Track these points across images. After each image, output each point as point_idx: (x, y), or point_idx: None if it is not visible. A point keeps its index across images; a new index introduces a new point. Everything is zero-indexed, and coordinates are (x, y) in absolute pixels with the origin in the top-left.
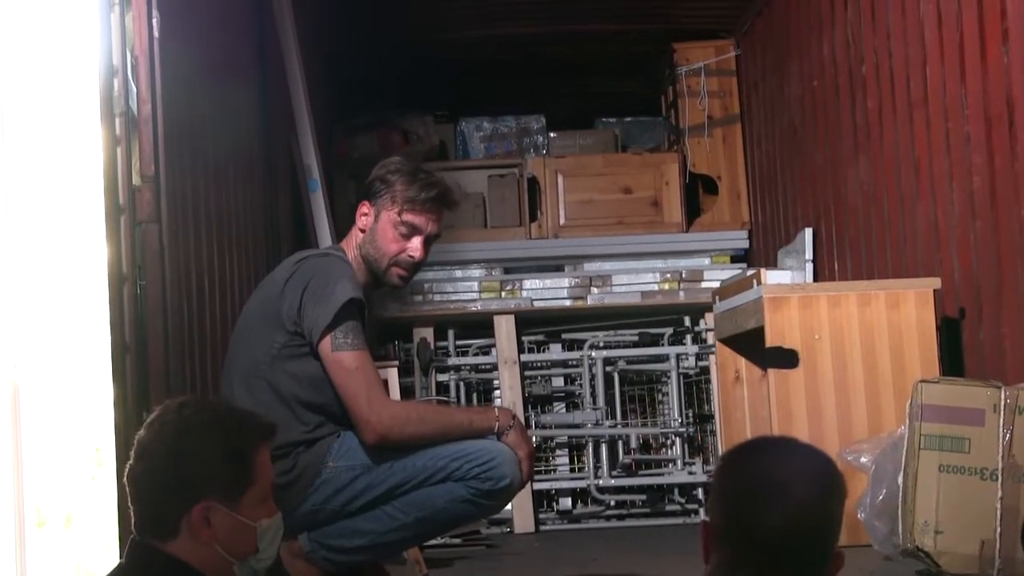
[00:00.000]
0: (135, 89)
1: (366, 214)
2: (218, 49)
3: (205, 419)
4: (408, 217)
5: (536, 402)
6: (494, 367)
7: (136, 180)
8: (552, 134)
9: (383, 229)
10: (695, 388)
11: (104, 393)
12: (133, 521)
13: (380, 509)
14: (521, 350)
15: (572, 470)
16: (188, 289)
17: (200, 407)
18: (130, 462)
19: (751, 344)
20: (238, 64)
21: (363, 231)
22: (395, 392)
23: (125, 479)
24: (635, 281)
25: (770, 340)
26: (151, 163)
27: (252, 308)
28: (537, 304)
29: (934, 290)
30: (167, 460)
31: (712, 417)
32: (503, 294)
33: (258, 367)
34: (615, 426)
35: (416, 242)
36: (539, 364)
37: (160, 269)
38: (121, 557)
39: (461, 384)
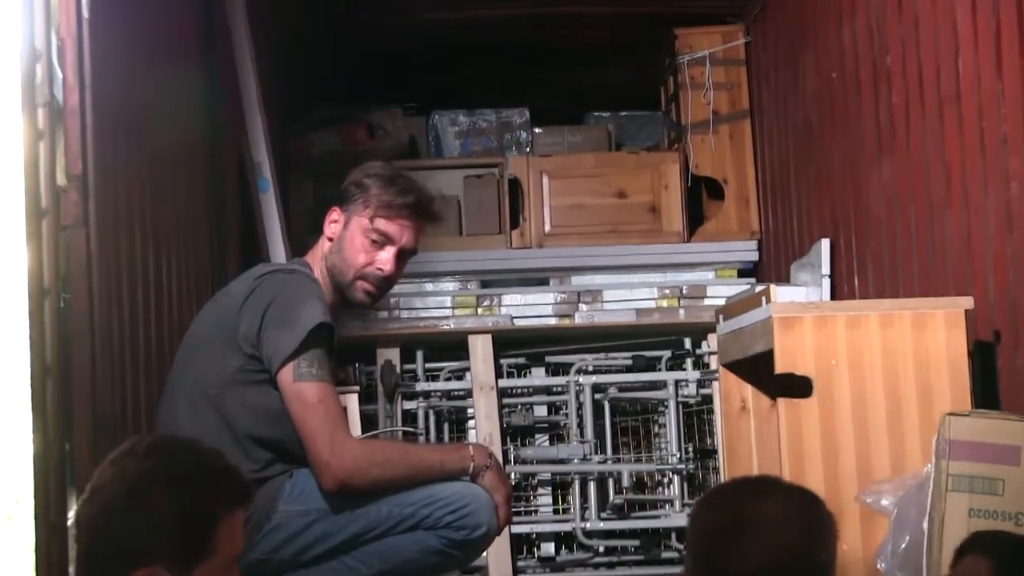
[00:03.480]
0: (61, 76)
1: (336, 221)
2: (157, 31)
3: (171, 471)
4: (380, 224)
5: (516, 434)
6: (468, 394)
7: (61, 179)
8: (537, 130)
9: (352, 237)
10: (696, 419)
11: (22, 421)
12: (75, 567)
13: (339, 560)
14: (499, 375)
15: (556, 511)
16: (120, 303)
17: (168, 455)
18: (82, 499)
19: (759, 370)
20: (180, 49)
21: (331, 240)
22: (355, 422)
23: (74, 519)
24: (629, 297)
25: (780, 366)
26: (78, 160)
27: (204, 323)
28: (518, 323)
29: (965, 310)
30: (117, 512)
31: (715, 452)
32: (479, 311)
33: (207, 390)
34: (605, 462)
35: (387, 253)
36: (519, 391)
37: (87, 280)
38: None
39: (431, 412)
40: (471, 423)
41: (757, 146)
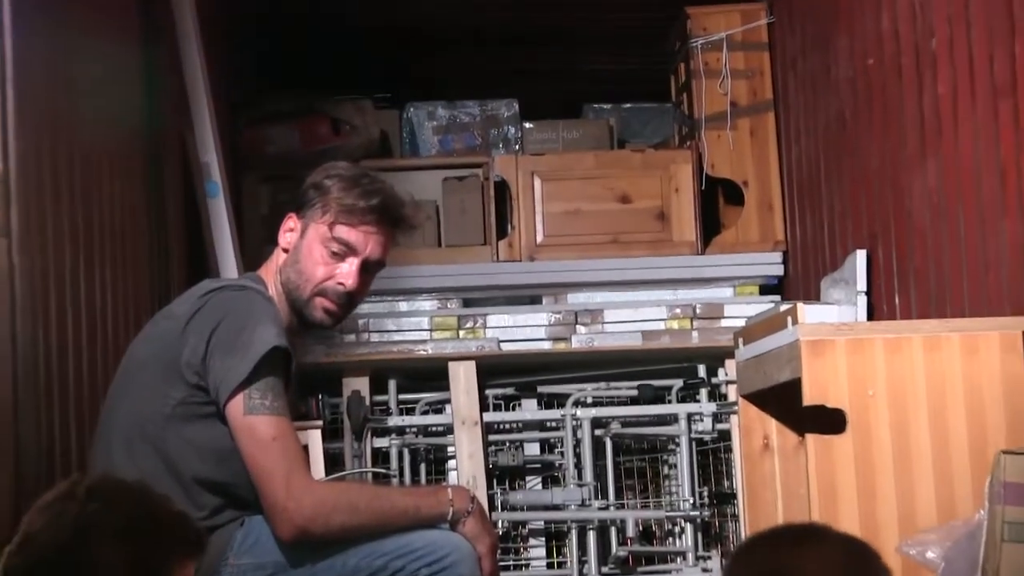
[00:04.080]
0: None
1: (291, 229)
2: (90, 10)
3: (117, 518)
4: (341, 232)
5: (503, 475)
6: (449, 429)
7: None
8: (527, 124)
9: (309, 247)
10: (712, 459)
11: None
12: None
13: None
14: (484, 407)
15: (550, 565)
16: (46, 321)
17: (113, 499)
18: (11, 547)
19: (784, 402)
20: (117, 30)
21: (286, 251)
22: (318, 463)
23: (2, 565)
24: (634, 318)
25: (809, 397)
26: None
27: (141, 349)
28: (506, 347)
29: (1023, 332)
30: (55, 563)
31: (734, 497)
32: (461, 334)
33: (145, 427)
34: (607, 508)
35: (349, 266)
36: (508, 426)
37: (9, 295)
38: None
39: (405, 451)
40: (452, 463)
41: (782, 143)
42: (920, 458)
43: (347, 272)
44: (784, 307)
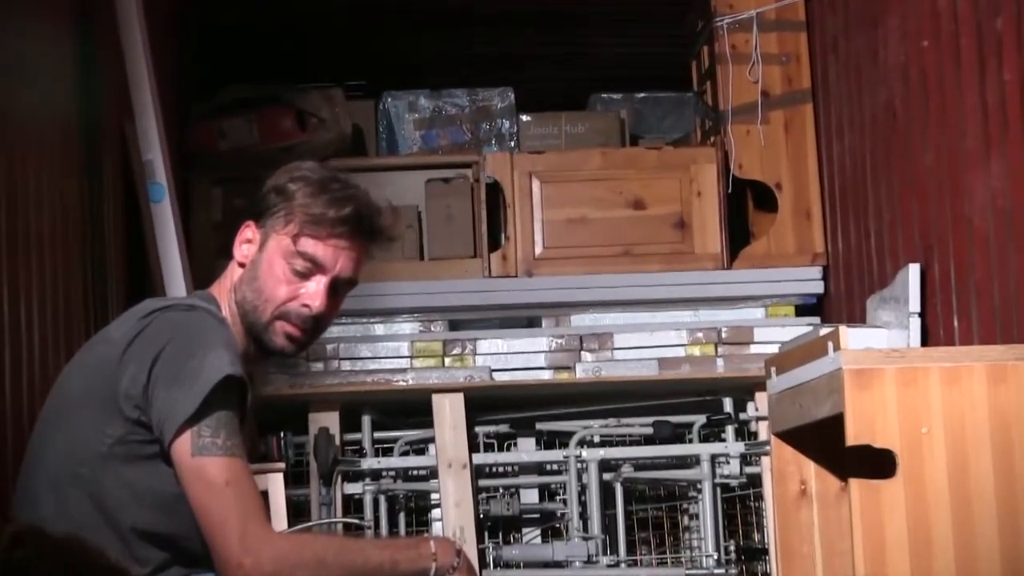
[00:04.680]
0: None
1: (249, 240)
2: None
3: (48, 568)
4: (307, 245)
5: (496, 527)
6: (433, 473)
7: None
8: (525, 117)
9: (270, 262)
10: (739, 508)
11: None
12: None
13: None
14: (474, 447)
15: None
16: None
17: (40, 550)
18: None
19: (825, 441)
20: (45, 8)
21: (243, 265)
22: (279, 511)
23: None
24: (649, 343)
25: (853, 435)
26: None
27: (73, 378)
28: (499, 377)
29: None
30: None
31: (765, 552)
32: (447, 361)
33: (76, 469)
34: (617, 564)
35: (316, 285)
36: (502, 469)
37: None
38: None
39: (382, 499)
40: (436, 512)
41: (821, 140)
42: (983, 507)
43: (313, 292)
44: (824, 330)
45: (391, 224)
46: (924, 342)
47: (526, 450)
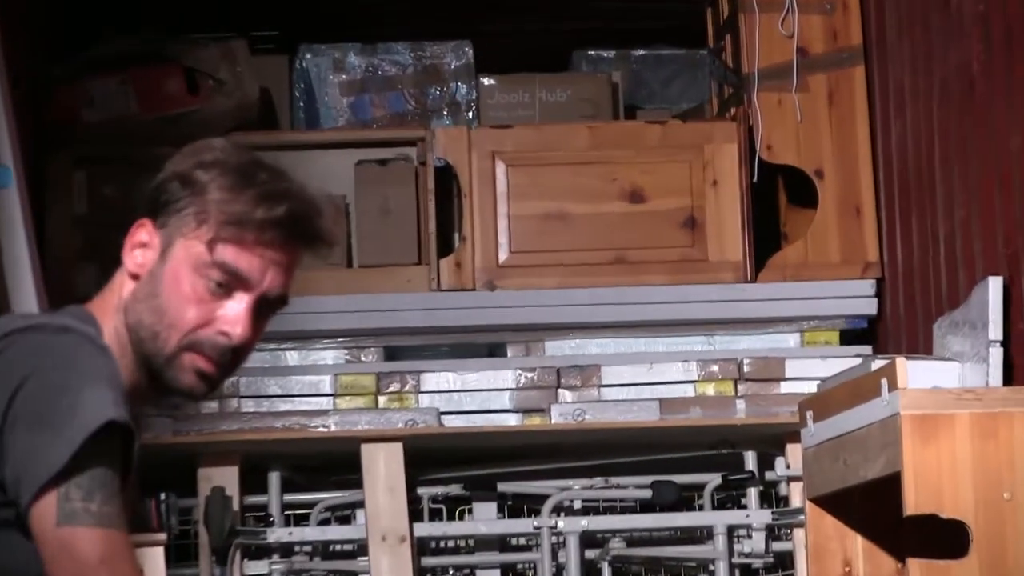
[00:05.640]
0: None
1: (144, 245)
2: None
3: None
4: (227, 255)
5: None
6: (362, 549)
7: None
8: (487, 80)
9: (175, 275)
10: None
11: None
12: None
13: None
14: (417, 515)
15: None
16: None
17: None
18: None
19: (876, 509)
20: None
21: (136, 278)
22: None
23: None
24: (648, 379)
25: (914, 502)
26: None
27: None
28: (450, 422)
29: None
30: None
31: None
32: (382, 401)
33: None
34: None
35: (239, 305)
36: (452, 544)
37: None
38: None
39: None
40: None
41: (876, 114)
42: None
43: (234, 316)
44: (877, 364)
45: (333, 227)
46: (1008, 379)
47: (484, 519)
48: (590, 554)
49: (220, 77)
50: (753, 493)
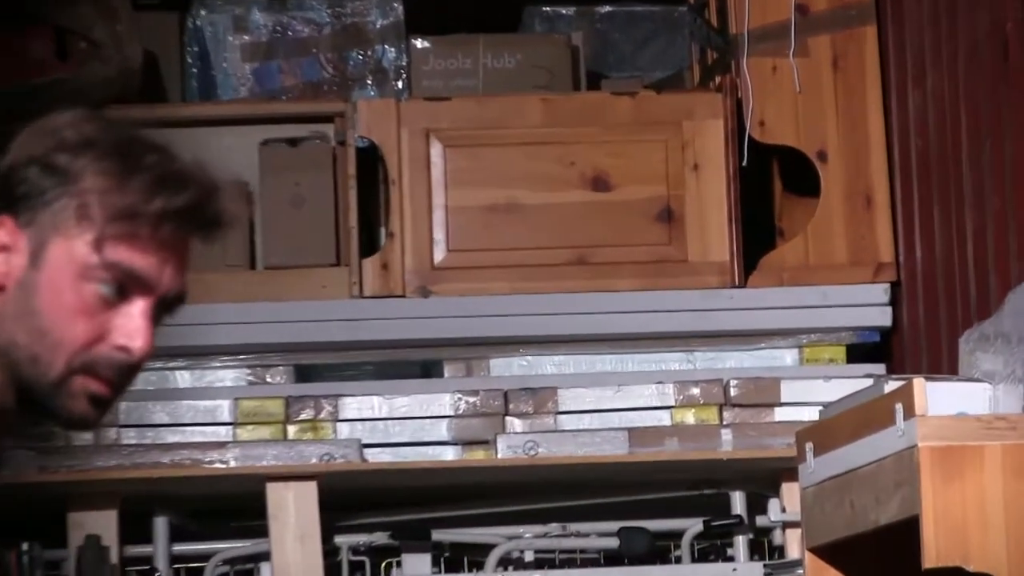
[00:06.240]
0: None
1: (6, 248)
2: None
3: None
4: (119, 253)
5: None
6: None
7: None
8: (419, 43)
9: (54, 283)
10: None
11: None
12: None
13: None
14: (334, 569)
15: None
16: None
17: None
18: None
19: (888, 561)
20: None
21: (1, 288)
22: None
23: None
24: (613, 404)
25: (936, 551)
26: None
27: None
28: (375, 457)
29: None
30: None
31: None
32: (292, 431)
33: None
34: None
35: (137, 311)
36: None
37: None
38: None
39: None
40: None
41: (891, 83)
42: None
43: (134, 325)
44: (891, 386)
45: (235, 208)
46: None
47: (416, 574)
48: None
49: (96, 38)
50: (741, 542)
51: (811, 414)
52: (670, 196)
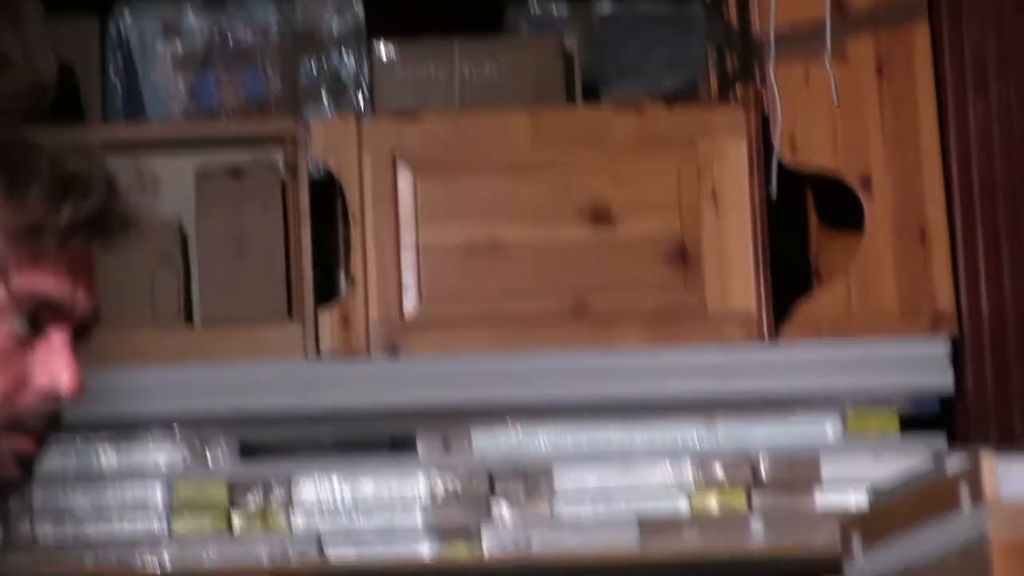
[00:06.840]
0: None
1: None
2: None
3: None
4: (29, 281)
5: None
6: None
7: None
8: (384, 49)
9: None
10: None
11: None
12: None
13: None
14: None
15: None
16: None
17: None
18: None
19: None
20: None
21: None
22: None
23: None
24: (620, 485)
25: None
26: None
27: None
28: (336, 553)
29: None
30: None
31: None
32: (238, 522)
33: None
34: None
35: (57, 344)
36: None
37: None
38: None
39: None
40: None
41: (948, 93)
42: None
43: (58, 362)
44: (953, 462)
45: (133, 202)
46: None
47: None
48: None
49: (1, 50)
50: None
51: (858, 497)
52: (684, 232)
